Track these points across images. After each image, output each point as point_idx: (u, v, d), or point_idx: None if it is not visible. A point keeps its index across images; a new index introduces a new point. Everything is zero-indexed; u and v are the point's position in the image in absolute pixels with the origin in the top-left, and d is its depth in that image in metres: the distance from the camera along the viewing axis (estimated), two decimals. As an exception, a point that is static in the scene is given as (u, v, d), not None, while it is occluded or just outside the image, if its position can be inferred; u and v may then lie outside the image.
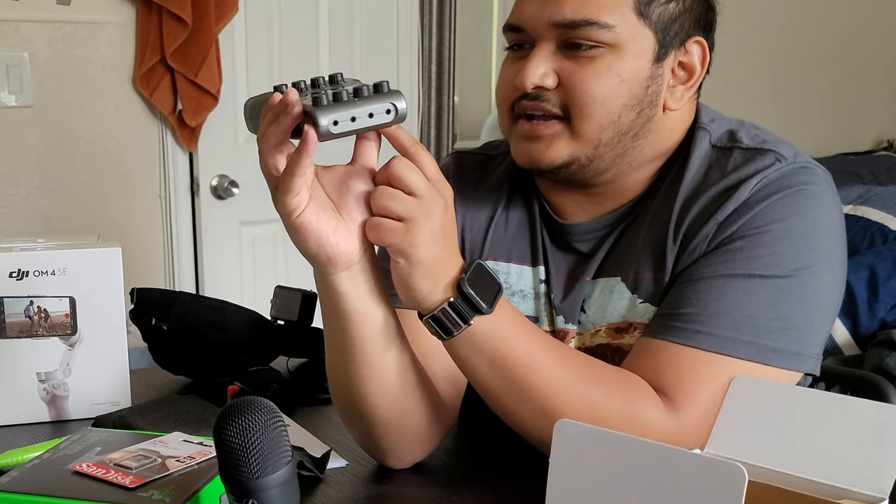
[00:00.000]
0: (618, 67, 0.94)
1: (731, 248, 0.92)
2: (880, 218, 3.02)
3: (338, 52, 2.89)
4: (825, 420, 0.74)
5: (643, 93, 0.96)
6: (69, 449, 0.87)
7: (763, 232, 0.91)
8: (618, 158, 0.98)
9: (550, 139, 0.97)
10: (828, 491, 0.70)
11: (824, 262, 0.93)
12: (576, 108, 0.95)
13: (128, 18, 2.55)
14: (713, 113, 1.04)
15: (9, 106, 2.45)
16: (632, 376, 0.90)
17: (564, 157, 0.97)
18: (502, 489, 0.95)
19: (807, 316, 0.92)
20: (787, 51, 3.96)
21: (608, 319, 1.00)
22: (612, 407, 0.87)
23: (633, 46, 0.95)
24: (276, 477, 0.66)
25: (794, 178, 0.93)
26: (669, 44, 0.97)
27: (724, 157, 0.97)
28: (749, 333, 0.89)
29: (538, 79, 0.95)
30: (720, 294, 0.91)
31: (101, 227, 2.52)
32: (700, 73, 1.00)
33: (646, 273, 0.98)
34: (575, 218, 1.05)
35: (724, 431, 0.79)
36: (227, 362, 1.28)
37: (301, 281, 1.37)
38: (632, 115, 0.96)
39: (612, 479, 0.66)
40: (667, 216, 0.97)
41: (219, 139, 2.70)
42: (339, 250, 0.83)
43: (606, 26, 0.93)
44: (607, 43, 0.94)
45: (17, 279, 1.14)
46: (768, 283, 0.90)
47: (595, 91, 0.94)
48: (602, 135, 0.96)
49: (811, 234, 0.92)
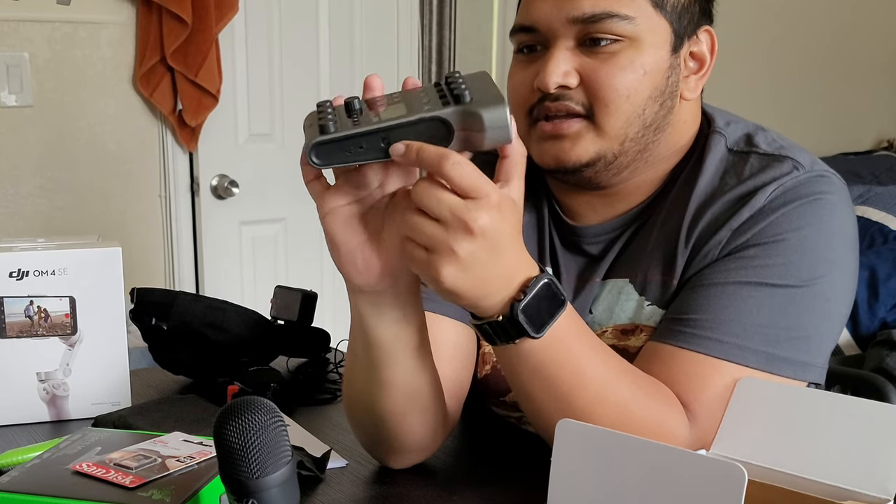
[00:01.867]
0: (640, 60, 0.93)
1: (745, 256, 0.91)
2: (880, 218, 3.02)
3: (338, 52, 2.89)
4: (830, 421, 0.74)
5: (664, 84, 0.95)
6: (69, 449, 0.87)
7: (778, 241, 0.91)
8: (639, 154, 0.97)
9: (575, 137, 0.95)
10: (832, 492, 0.70)
11: (837, 272, 0.92)
12: (601, 105, 0.93)
13: (128, 18, 2.55)
14: (728, 116, 1.03)
15: (9, 106, 2.45)
16: (668, 393, 0.88)
17: (591, 155, 0.95)
18: (502, 489, 0.95)
19: (817, 326, 0.91)
20: (787, 50, 3.96)
21: (615, 321, 1.00)
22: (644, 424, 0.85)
23: (651, 38, 0.94)
24: (276, 477, 0.66)
25: (811, 187, 0.93)
26: (683, 33, 0.96)
27: (740, 161, 0.97)
28: (759, 342, 0.89)
29: (561, 78, 0.93)
30: (731, 301, 0.90)
31: (101, 227, 2.53)
32: (710, 61, 0.99)
33: (654, 276, 0.97)
34: (586, 220, 1.04)
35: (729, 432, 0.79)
36: (227, 362, 1.28)
37: (301, 281, 1.37)
38: (655, 107, 0.95)
39: (614, 478, 0.66)
40: (679, 219, 0.96)
41: (219, 139, 2.70)
42: (356, 271, 0.81)
43: (626, 18, 0.92)
44: (627, 36, 0.92)
45: (17, 279, 1.13)
46: (780, 292, 0.90)
47: (620, 86, 0.93)
48: (628, 129, 0.95)
49: (825, 245, 0.91)
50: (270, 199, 2.84)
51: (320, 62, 2.87)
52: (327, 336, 1.40)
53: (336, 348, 1.43)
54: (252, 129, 2.78)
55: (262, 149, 2.80)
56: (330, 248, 0.81)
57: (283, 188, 2.85)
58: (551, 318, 0.80)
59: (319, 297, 1.41)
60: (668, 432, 0.86)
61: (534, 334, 0.79)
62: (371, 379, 0.89)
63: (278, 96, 2.81)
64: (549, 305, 0.80)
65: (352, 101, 0.76)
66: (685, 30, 0.96)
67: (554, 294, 0.80)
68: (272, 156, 2.83)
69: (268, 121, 2.80)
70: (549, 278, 0.79)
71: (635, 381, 0.88)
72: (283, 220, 2.89)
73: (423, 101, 0.76)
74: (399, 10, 3.00)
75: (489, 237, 0.74)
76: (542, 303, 0.79)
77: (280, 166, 2.83)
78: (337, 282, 3.45)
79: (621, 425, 0.84)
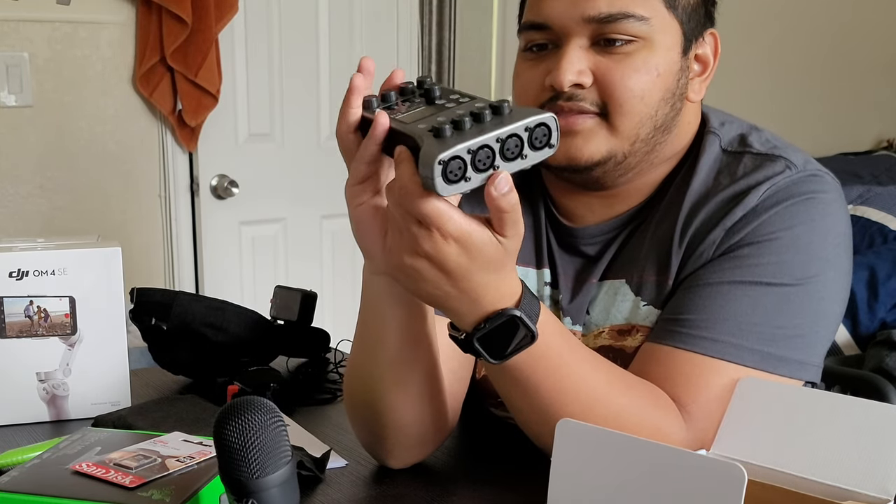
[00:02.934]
0: (654, 62, 0.93)
1: (739, 255, 0.92)
2: (880, 218, 3.02)
3: (338, 52, 2.89)
4: (831, 421, 0.74)
5: (675, 86, 0.95)
6: (69, 449, 0.87)
7: (771, 239, 0.91)
8: (646, 155, 0.97)
9: (588, 134, 0.94)
10: (832, 492, 0.70)
11: (831, 271, 0.92)
12: (615, 105, 0.93)
13: (128, 18, 2.55)
14: (723, 116, 1.03)
15: (9, 106, 2.45)
16: (662, 396, 0.88)
17: (603, 153, 0.95)
18: (502, 489, 0.95)
19: (811, 325, 0.91)
20: (787, 50, 3.96)
21: (611, 321, 1.00)
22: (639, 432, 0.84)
23: (663, 39, 0.93)
24: (276, 477, 0.66)
25: (804, 186, 0.93)
26: (692, 35, 0.96)
27: (734, 161, 0.97)
28: (754, 341, 0.89)
29: (576, 76, 0.92)
30: (726, 300, 0.90)
31: (101, 227, 2.53)
32: (714, 64, 1.00)
33: (650, 276, 0.97)
34: (583, 221, 1.04)
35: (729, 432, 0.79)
36: (227, 362, 1.28)
37: (301, 281, 1.37)
38: (666, 108, 0.95)
39: (613, 478, 0.66)
40: (673, 219, 0.97)
41: (219, 139, 2.70)
42: (378, 255, 0.83)
43: (642, 19, 0.92)
44: (641, 37, 0.92)
45: (17, 279, 1.13)
46: (775, 290, 0.90)
47: (635, 87, 0.92)
48: (640, 130, 0.94)
49: (819, 243, 0.92)
50: (270, 199, 2.84)
51: (320, 62, 2.87)
52: (327, 336, 1.40)
53: (336, 348, 1.43)
54: (252, 129, 2.78)
55: (261, 149, 2.80)
56: (354, 233, 0.84)
57: (282, 188, 2.85)
58: (517, 348, 0.80)
59: (319, 297, 1.41)
60: (664, 438, 0.86)
61: (492, 361, 0.81)
62: (373, 360, 0.90)
63: (278, 96, 2.81)
64: (514, 337, 0.79)
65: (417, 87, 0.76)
66: (693, 32, 0.96)
67: (523, 328, 0.79)
68: (272, 156, 2.83)
69: (268, 121, 2.80)
70: (518, 314, 0.78)
71: (628, 390, 0.87)
72: (283, 220, 2.89)
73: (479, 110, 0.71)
74: (399, 10, 3.00)
75: (436, 263, 0.75)
76: (505, 335, 0.79)
77: (280, 166, 2.83)
78: (337, 282, 3.45)
79: None
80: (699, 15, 0.97)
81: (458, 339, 0.81)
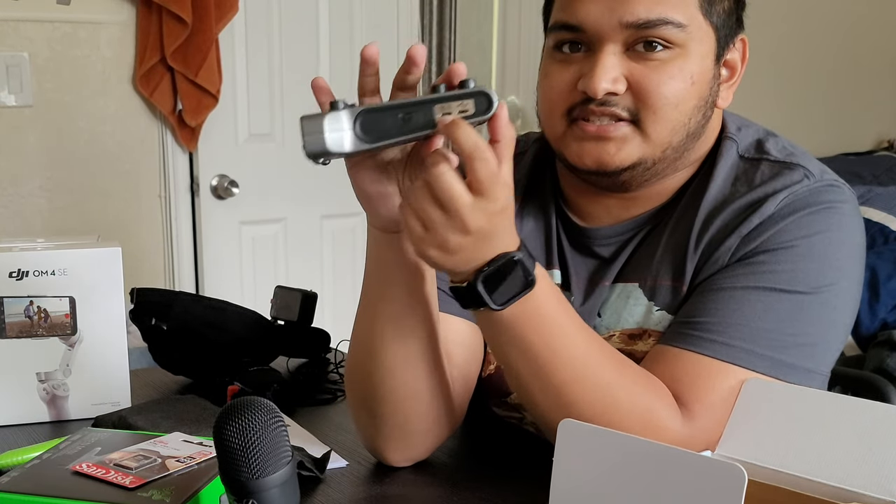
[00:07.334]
0: (689, 69, 0.92)
1: (754, 262, 0.91)
2: (881, 218, 3.03)
3: (338, 52, 2.89)
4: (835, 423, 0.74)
5: (708, 93, 0.95)
6: (69, 449, 0.87)
7: (787, 247, 0.91)
8: (674, 161, 0.97)
9: (621, 141, 0.93)
10: (837, 493, 0.70)
11: (844, 280, 0.92)
12: (649, 112, 0.92)
13: (128, 18, 2.55)
14: (739, 120, 1.03)
15: (9, 106, 2.45)
16: (657, 382, 0.89)
17: (634, 159, 0.94)
18: (504, 489, 0.94)
19: (823, 334, 0.91)
20: (788, 51, 3.96)
21: (623, 325, 0.99)
22: (632, 410, 0.86)
23: (698, 47, 0.92)
24: (276, 477, 0.66)
25: (821, 196, 0.93)
26: (724, 42, 0.96)
27: (751, 168, 0.96)
28: (765, 347, 0.89)
29: (611, 84, 0.90)
30: (739, 305, 0.90)
31: (101, 227, 2.52)
32: (741, 69, 0.99)
33: (664, 281, 0.97)
34: (598, 222, 1.03)
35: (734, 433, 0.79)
36: (227, 362, 1.28)
37: (301, 281, 1.37)
38: (698, 116, 0.94)
39: (615, 478, 0.66)
40: (689, 225, 0.96)
41: (219, 139, 2.70)
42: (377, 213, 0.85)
43: (679, 25, 0.90)
44: (678, 44, 0.91)
45: (17, 279, 1.13)
46: (788, 298, 0.90)
47: (670, 94, 0.91)
48: (673, 137, 0.94)
49: (834, 253, 0.92)
50: (270, 199, 2.84)
51: (320, 62, 2.87)
52: (327, 336, 1.40)
53: (336, 348, 1.42)
54: (252, 129, 2.78)
55: (261, 149, 2.80)
56: (356, 193, 0.86)
57: (283, 188, 2.84)
58: (516, 294, 0.81)
59: (319, 297, 1.41)
60: (658, 421, 0.86)
61: (494, 306, 0.81)
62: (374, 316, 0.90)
63: (278, 96, 2.81)
64: (514, 281, 0.81)
65: None
66: (726, 38, 0.96)
67: (522, 272, 0.81)
68: (272, 156, 2.82)
69: (268, 121, 2.80)
70: (519, 257, 0.80)
71: (620, 367, 0.88)
72: (283, 220, 2.89)
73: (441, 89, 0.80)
74: (399, 10, 3.00)
75: (481, 235, 0.78)
76: (507, 277, 0.80)
77: (280, 166, 2.83)
78: (337, 282, 3.45)
79: (606, 409, 0.85)
80: (732, 21, 0.96)
81: (457, 289, 0.82)
